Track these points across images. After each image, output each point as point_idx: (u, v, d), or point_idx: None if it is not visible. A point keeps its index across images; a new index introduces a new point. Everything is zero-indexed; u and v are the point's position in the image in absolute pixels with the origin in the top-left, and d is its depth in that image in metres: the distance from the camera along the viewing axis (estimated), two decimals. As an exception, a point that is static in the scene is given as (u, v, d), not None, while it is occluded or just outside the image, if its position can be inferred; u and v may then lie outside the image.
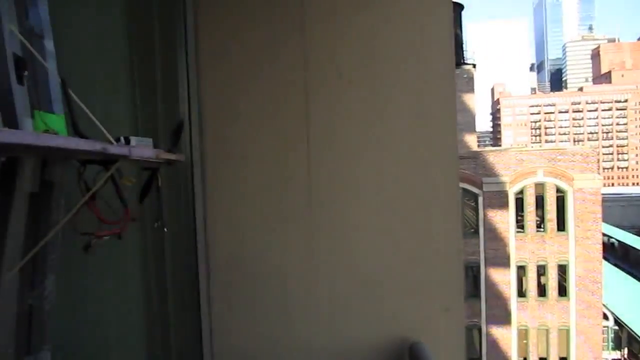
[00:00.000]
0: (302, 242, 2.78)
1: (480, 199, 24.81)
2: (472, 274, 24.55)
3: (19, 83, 1.50)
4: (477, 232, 24.91)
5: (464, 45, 30.34)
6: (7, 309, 1.51)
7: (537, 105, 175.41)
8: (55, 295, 1.73)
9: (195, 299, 2.78)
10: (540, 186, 24.75)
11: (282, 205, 2.81)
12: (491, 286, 24.78)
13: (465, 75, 25.97)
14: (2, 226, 1.46)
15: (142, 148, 1.55)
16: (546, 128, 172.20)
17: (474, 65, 28.00)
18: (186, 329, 2.83)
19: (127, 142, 1.61)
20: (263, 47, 2.82)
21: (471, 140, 26.11)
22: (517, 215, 25.03)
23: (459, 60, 26.47)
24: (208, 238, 2.79)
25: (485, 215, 24.77)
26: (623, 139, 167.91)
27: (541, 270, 24.91)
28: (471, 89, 26.75)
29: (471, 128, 26.39)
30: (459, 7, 27.61)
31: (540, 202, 24.82)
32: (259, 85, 2.82)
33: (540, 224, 25.08)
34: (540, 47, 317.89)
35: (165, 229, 1.88)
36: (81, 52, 2.19)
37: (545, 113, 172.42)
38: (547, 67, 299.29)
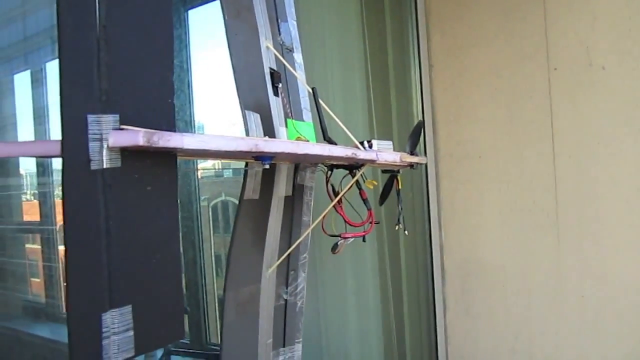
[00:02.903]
0: (549, 247, 2.53)
1: None
2: None
3: (275, 95, 1.62)
4: None
5: None
6: (266, 304, 1.63)
7: None
8: (305, 291, 1.83)
9: (430, 303, 2.75)
10: None
11: (524, 207, 2.60)
12: None
13: None
14: (263, 227, 1.58)
15: (387, 152, 1.55)
16: None
17: None
18: (421, 332, 2.81)
19: (370, 145, 1.63)
20: (499, 38, 2.65)
21: None
22: None
23: None
24: (443, 241, 2.72)
25: None
26: None
27: None
28: None
29: None
30: None
31: None
32: (495, 80, 2.66)
33: None
34: None
35: (406, 232, 1.86)
36: (323, 62, 2.32)
37: None
38: None
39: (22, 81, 2.70)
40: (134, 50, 0.91)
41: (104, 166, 0.87)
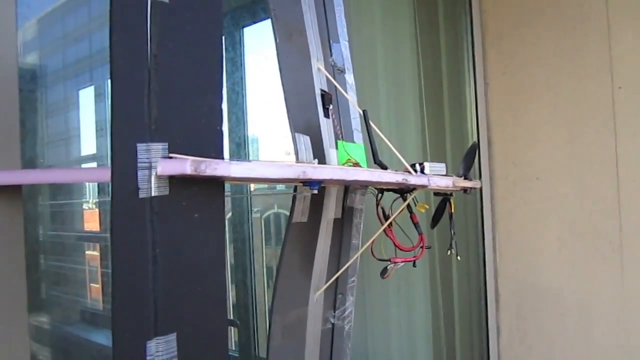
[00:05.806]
0: (612, 276, 2.40)
1: None
2: None
3: (325, 116, 1.61)
4: None
5: None
6: (314, 328, 1.61)
7: None
8: (353, 315, 1.80)
9: (483, 329, 2.65)
10: None
11: (584, 232, 2.47)
12: None
13: None
14: (311, 250, 1.57)
15: (439, 177, 1.51)
16: None
17: None
18: (473, 358, 2.71)
19: (422, 168, 1.58)
20: (558, 55, 2.55)
21: None
22: None
23: None
24: (498, 265, 2.63)
25: None
26: None
27: None
28: None
29: None
30: None
31: None
32: (554, 98, 2.56)
33: None
34: None
35: (459, 258, 1.80)
36: (376, 82, 2.29)
37: None
38: None
39: (86, 96, 2.82)
40: (184, 79, 0.92)
41: (152, 194, 0.87)
